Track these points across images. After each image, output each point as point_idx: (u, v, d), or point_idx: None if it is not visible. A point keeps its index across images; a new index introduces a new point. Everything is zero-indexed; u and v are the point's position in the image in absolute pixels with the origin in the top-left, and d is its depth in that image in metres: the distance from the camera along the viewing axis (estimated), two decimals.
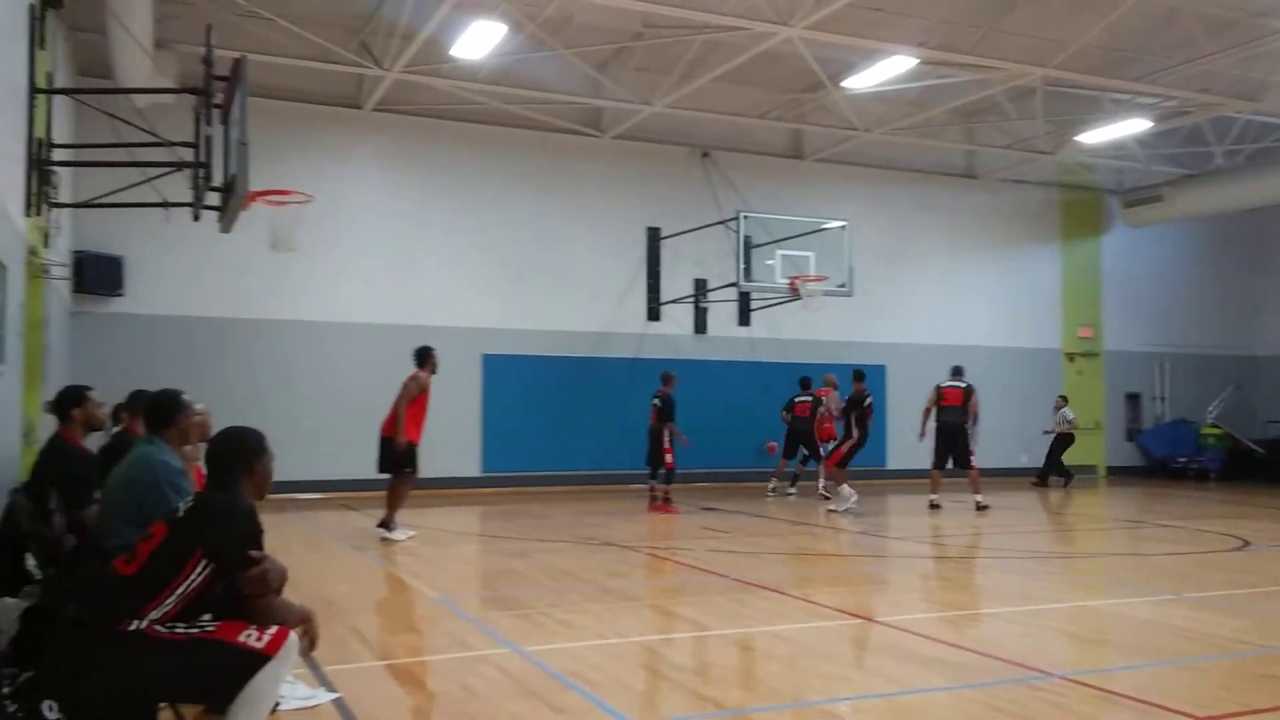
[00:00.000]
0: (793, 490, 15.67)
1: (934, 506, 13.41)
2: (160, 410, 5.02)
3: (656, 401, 13.35)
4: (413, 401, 10.54)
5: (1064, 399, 18.67)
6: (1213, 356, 21.64)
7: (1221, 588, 7.84)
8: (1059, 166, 19.50)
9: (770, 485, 15.75)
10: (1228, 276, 21.98)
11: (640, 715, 4.62)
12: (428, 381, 10.67)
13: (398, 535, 10.30)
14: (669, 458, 13.28)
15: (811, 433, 15.15)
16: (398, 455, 10.42)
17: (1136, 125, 16.42)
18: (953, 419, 13.54)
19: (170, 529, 3.47)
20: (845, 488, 13.21)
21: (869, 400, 13.69)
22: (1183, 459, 20.50)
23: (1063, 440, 18.20)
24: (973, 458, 13.50)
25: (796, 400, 15.47)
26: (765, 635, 6.26)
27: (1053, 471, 18.11)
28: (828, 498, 14.04)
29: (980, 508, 13.13)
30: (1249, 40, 13.93)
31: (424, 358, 10.78)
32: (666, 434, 13.25)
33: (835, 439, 14.33)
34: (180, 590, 3.37)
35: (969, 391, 13.69)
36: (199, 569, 3.38)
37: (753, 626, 6.48)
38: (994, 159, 19.14)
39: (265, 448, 3.74)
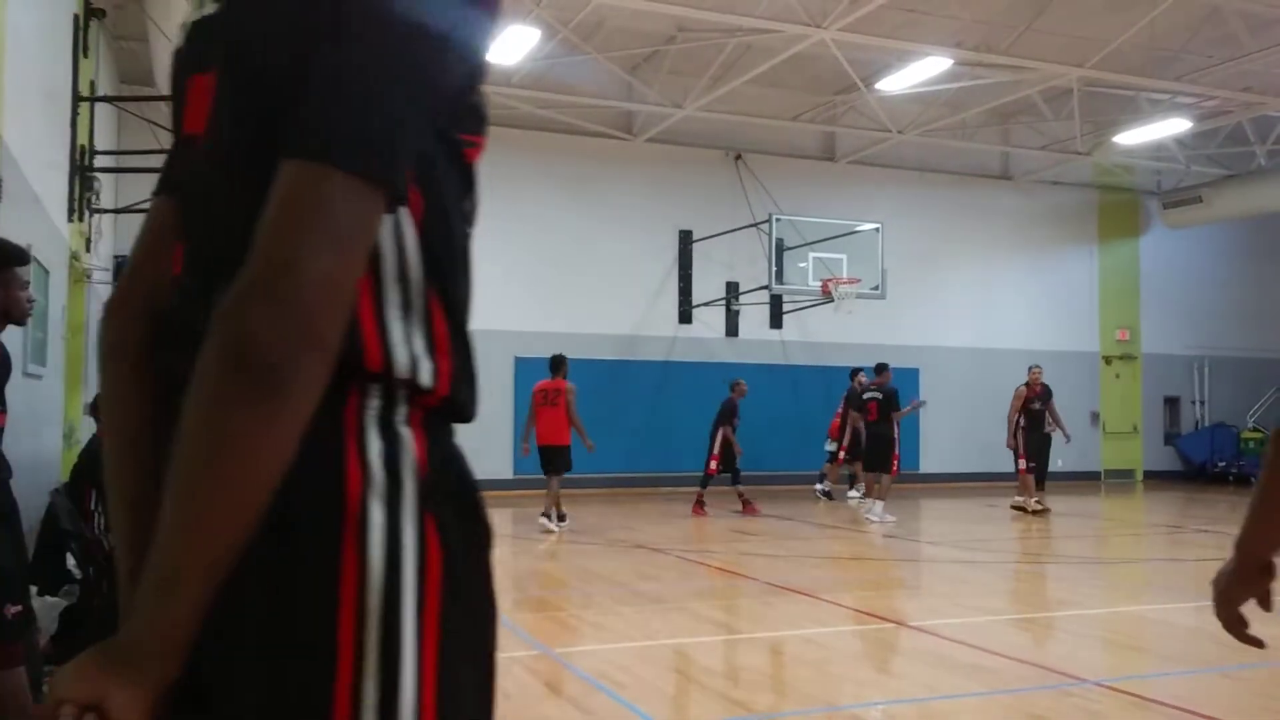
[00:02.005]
0: (854, 493, 14.81)
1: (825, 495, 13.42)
2: None
3: (877, 395, 13.21)
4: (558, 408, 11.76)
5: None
6: (1254, 360, 21.28)
7: None
8: (1096, 168, 19.28)
9: (823, 487, 15.27)
10: (1269, 278, 21.60)
11: (670, 719, 4.62)
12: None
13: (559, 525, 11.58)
14: (713, 463, 13.24)
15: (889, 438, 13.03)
16: (565, 458, 11.75)
17: (1176, 125, 16.20)
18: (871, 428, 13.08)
19: None
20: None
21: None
22: (1222, 463, 20.17)
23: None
24: (895, 462, 12.91)
25: (867, 399, 13.40)
26: (796, 639, 6.24)
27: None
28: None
29: (869, 516, 12.57)
30: None
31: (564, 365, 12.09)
32: (718, 438, 13.18)
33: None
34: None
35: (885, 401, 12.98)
36: None
37: (783, 630, 6.47)
38: (1030, 160, 18.96)
39: None
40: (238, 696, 0.96)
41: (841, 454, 14.71)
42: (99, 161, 9.28)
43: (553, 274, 16.55)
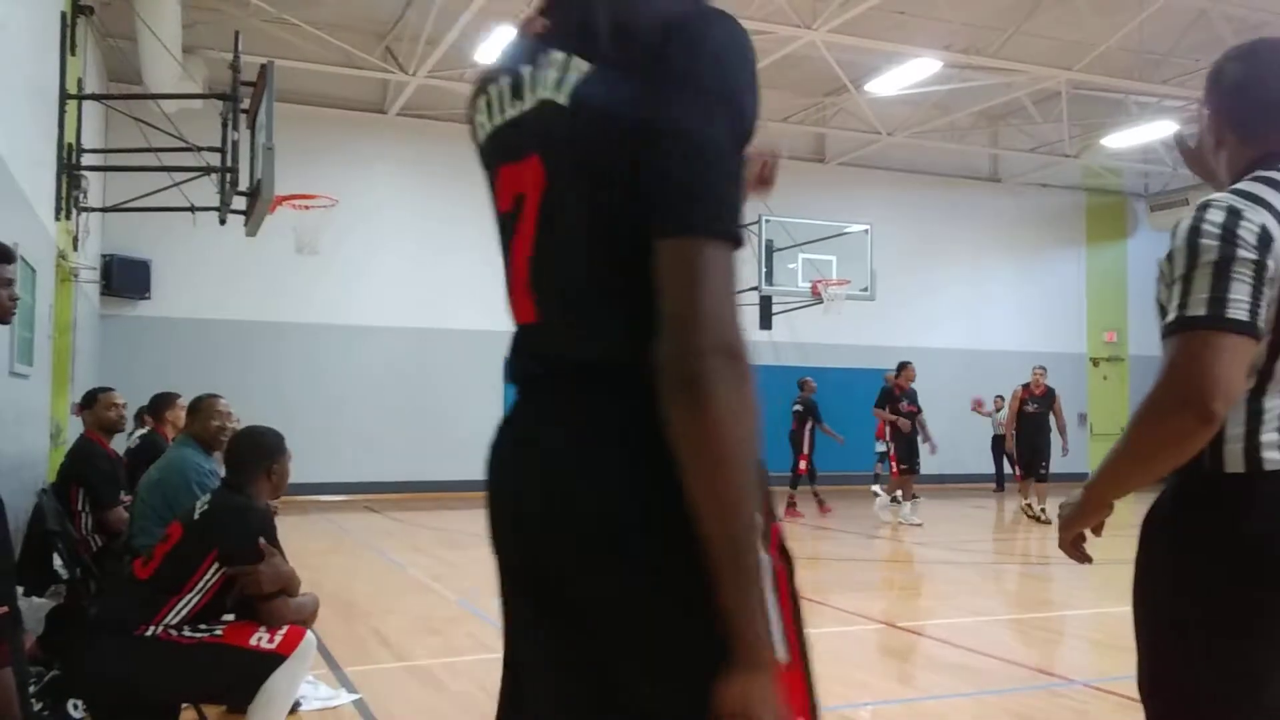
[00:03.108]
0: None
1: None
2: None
3: (798, 407, 13.25)
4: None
5: (1001, 399, 16.85)
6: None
7: None
8: (1084, 170, 19.36)
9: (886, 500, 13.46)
10: None
11: None
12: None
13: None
14: (803, 463, 13.26)
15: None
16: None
17: (1163, 128, 16.26)
18: None
19: (185, 530, 3.50)
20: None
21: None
22: None
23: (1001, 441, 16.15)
24: None
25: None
26: None
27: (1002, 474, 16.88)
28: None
29: None
30: None
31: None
32: (806, 436, 13.18)
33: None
34: (196, 591, 3.39)
35: None
36: (213, 570, 3.41)
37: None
38: (1018, 162, 19.03)
39: (283, 448, 3.77)
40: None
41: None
42: (87, 160, 9.22)
43: None
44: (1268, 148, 1.82)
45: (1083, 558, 2.00)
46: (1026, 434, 12.85)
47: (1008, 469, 15.40)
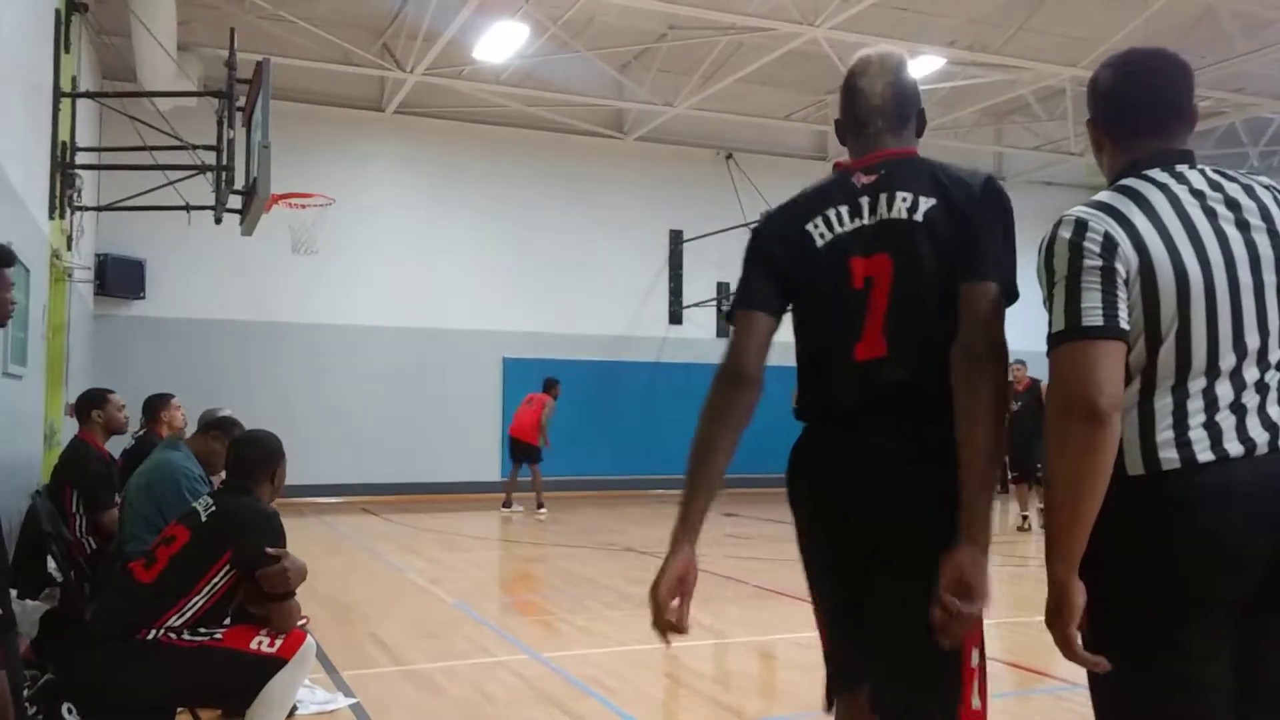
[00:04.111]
0: None
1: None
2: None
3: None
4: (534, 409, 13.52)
5: None
6: None
7: None
8: (1089, 168, 19.23)
9: None
10: None
11: None
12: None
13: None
14: None
15: None
16: (533, 452, 13.44)
17: None
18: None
19: (193, 533, 3.48)
20: None
21: None
22: None
23: None
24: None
25: None
26: (786, 643, 6.17)
27: None
28: None
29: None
30: None
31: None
32: None
33: None
34: (203, 594, 3.38)
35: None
36: (223, 573, 3.40)
37: (774, 634, 6.40)
38: (1023, 160, 18.95)
39: (283, 451, 3.81)
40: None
41: None
42: (81, 158, 9.14)
43: (542, 274, 16.45)
44: (1134, 155, 1.96)
45: (1089, 662, 1.82)
46: (1015, 434, 12.75)
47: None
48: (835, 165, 2.34)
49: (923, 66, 13.86)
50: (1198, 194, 1.88)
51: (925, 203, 2.14)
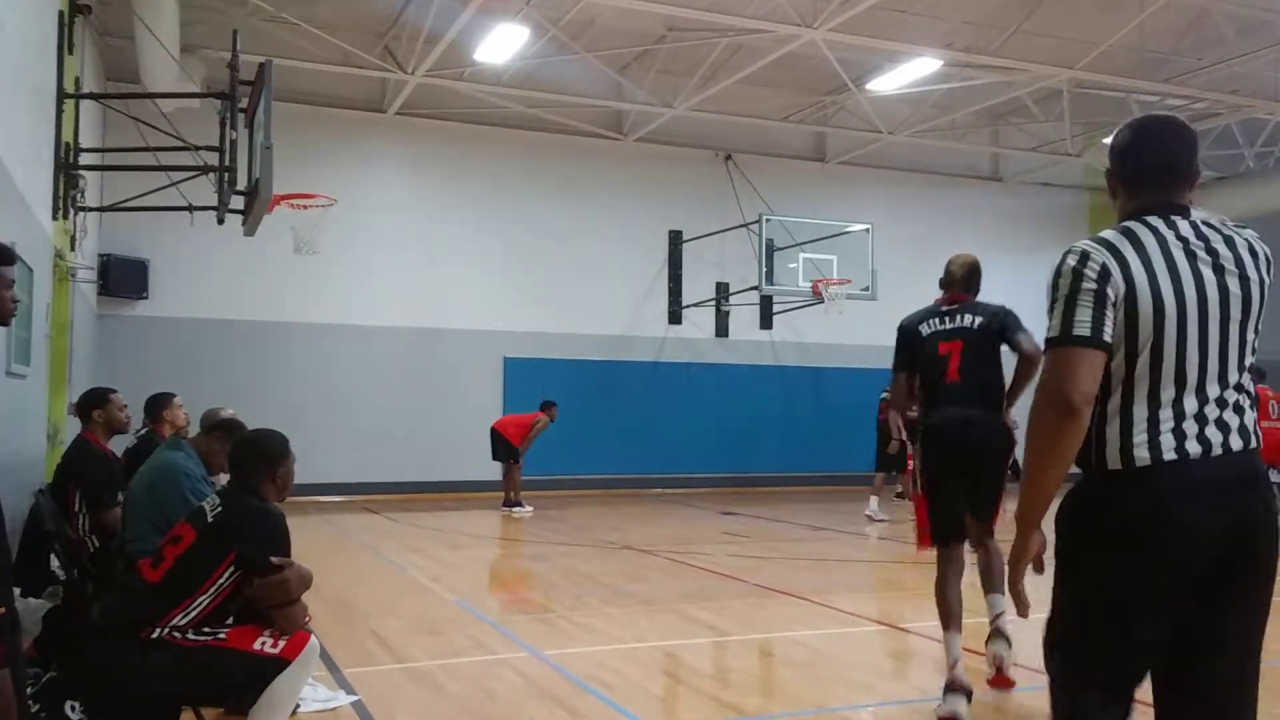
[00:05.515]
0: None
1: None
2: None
3: (886, 395, 13.11)
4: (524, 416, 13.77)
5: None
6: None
7: None
8: (1086, 169, 19.29)
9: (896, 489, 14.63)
10: None
11: None
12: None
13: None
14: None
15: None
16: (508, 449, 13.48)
17: None
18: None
19: (199, 534, 3.49)
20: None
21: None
22: None
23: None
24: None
25: (881, 398, 13.86)
26: (785, 641, 6.22)
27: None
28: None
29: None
30: None
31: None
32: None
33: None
34: (209, 594, 3.39)
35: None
36: (228, 574, 3.40)
37: (773, 632, 6.44)
38: (1020, 162, 18.99)
39: (288, 451, 3.78)
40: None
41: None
42: (84, 159, 9.19)
43: (542, 274, 16.49)
44: (1140, 203, 2.34)
45: (1023, 606, 2.39)
46: None
47: None
48: (937, 300, 5.15)
49: (920, 68, 13.90)
50: (1184, 240, 2.27)
51: (977, 320, 4.92)
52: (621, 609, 7.10)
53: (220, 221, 8.82)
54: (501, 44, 13.00)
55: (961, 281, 5.07)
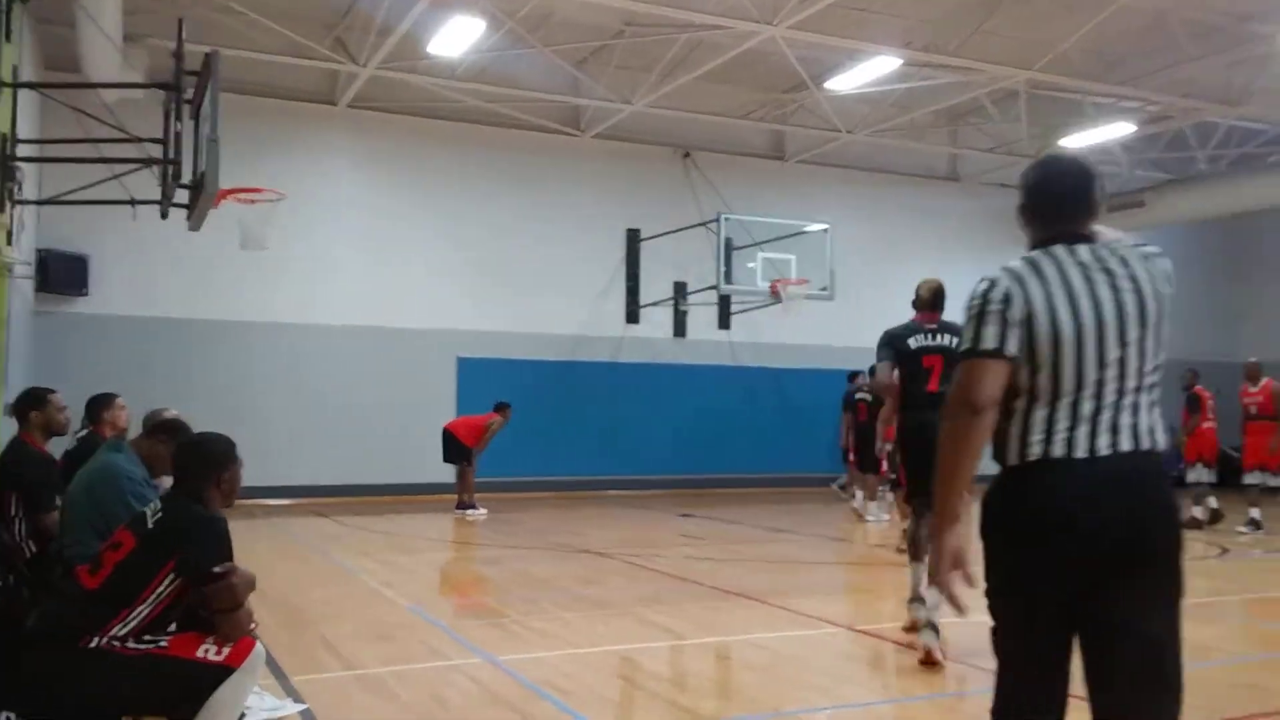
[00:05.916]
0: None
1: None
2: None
3: (866, 397, 12.94)
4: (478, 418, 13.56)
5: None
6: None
7: (1200, 595, 7.77)
8: None
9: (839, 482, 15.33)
10: (1209, 283, 21.93)
11: None
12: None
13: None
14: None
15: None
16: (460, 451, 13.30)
17: (1120, 129, 16.42)
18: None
19: (140, 539, 3.41)
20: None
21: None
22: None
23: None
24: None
25: (857, 399, 13.67)
26: (743, 644, 6.13)
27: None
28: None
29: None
30: (1233, 45, 13.95)
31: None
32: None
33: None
34: (149, 602, 3.31)
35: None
36: (168, 581, 3.33)
37: (731, 635, 6.36)
38: (977, 162, 19.13)
39: (235, 455, 3.69)
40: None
41: (851, 456, 14.11)
42: (22, 150, 8.88)
43: (497, 272, 16.29)
44: (1047, 234, 2.64)
45: (959, 607, 2.54)
46: None
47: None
48: (916, 318, 6.02)
49: (879, 67, 13.92)
50: (1082, 265, 2.56)
51: (953, 338, 5.62)
52: (577, 613, 6.98)
53: (164, 216, 8.56)
54: (457, 36, 12.82)
55: (929, 303, 5.96)
